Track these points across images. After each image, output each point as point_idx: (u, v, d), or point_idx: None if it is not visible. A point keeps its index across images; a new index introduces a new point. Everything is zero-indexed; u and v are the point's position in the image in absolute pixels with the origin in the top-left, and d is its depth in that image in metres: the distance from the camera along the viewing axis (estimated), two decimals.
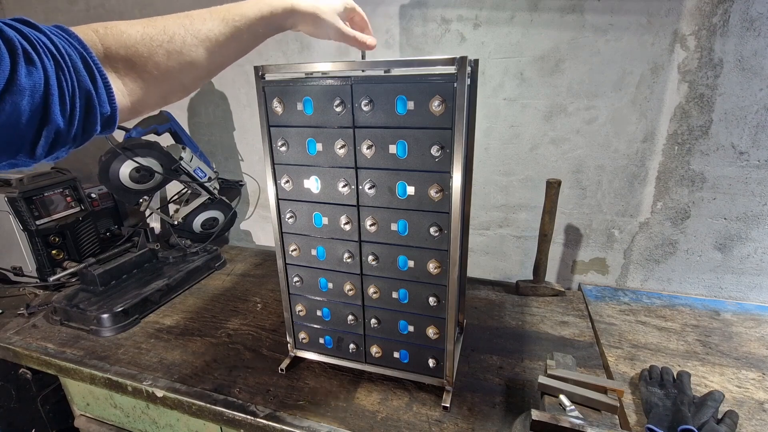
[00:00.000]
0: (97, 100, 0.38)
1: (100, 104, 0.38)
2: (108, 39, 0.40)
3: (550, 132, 1.10)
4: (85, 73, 0.37)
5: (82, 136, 0.39)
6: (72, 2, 1.46)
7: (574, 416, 0.65)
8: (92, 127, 0.39)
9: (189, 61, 0.47)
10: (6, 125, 0.32)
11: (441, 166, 0.65)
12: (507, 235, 1.25)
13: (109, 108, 0.39)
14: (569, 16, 1.00)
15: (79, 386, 1.03)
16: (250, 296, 1.19)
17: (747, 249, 1.06)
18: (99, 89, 0.38)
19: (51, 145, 0.36)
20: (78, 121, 0.37)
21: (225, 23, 0.50)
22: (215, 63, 0.51)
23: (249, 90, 1.37)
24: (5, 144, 0.34)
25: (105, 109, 0.39)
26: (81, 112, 0.37)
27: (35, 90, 0.33)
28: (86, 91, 0.37)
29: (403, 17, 1.12)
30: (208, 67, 0.50)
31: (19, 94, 0.32)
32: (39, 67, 0.33)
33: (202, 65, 0.49)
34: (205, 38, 0.48)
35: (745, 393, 0.79)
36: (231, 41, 0.51)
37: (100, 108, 0.38)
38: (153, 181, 1.20)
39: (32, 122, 0.34)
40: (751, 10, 0.89)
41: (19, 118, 0.32)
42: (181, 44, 0.45)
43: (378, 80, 0.65)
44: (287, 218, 0.78)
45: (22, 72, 0.32)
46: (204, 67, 0.49)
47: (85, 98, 0.37)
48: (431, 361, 0.78)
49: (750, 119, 0.96)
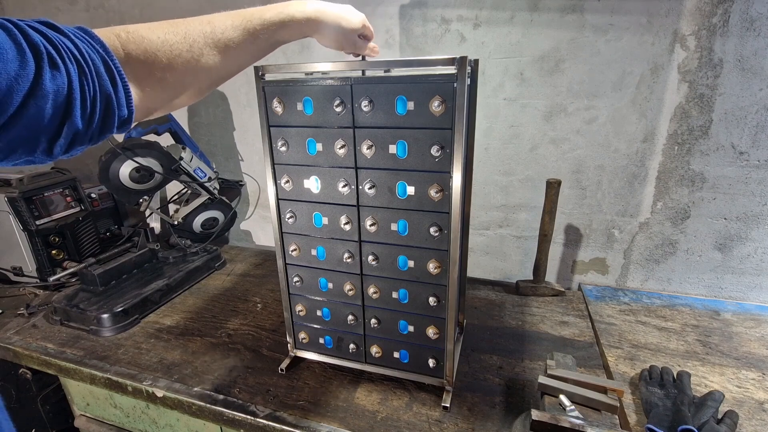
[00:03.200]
0: (116, 104, 0.39)
1: (118, 107, 0.39)
2: (129, 45, 0.40)
3: (550, 132, 1.10)
4: (106, 78, 0.37)
5: (98, 136, 0.40)
6: (72, 2, 1.46)
7: (574, 416, 0.65)
8: (109, 128, 0.40)
9: (206, 68, 0.47)
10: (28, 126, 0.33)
11: (441, 166, 0.65)
12: (507, 235, 1.25)
13: (126, 111, 0.40)
14: (569, 16, 1.00)
15: (79, 386, 1.03)
16: (250, 296, 1.19)
17: (747, 249, 1.06)
18: (119, 93, 0.39)
19: (69, 144, 0.37)
20: (96, 124, 0.38)
21: (245, 31, 0.50)
22: (232, 68, 0.51)
23: (249, 90, 1.37)
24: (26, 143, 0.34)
25: (123, 112, 0.40)
26: (100, 115, 0.38)
27: (59, 94, 0.34)
28: (107, 95, 0.38)
29: (403, 17, 1.12)
30: (224, 73, 0.51)
31: (42, 98, 0.33)
32: (63, 71, 0.33)
33: (218, 72, 0.49)
34: (225, 47, 0.48)
35: (745, 393, 0.79)
36: (250, 47, 0.51)
37: (119, 111, 0.39)
38: (153, 181, 1.20)
39: (53, 124, 0.35)
40: (751, 10, 0.89)
41: (41, 120, 0.33)
42: (200, 53, 0.46)
43: (378, 80, 0.65)
44: (287, 218, 0.78)
45: (46, 76, 0.32)
46: (220, 73, 0.50)
47: (105, 102, 0.38)
48: (431, 361, 0.78)
49: (750, 119, 0.96)
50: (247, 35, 0.50)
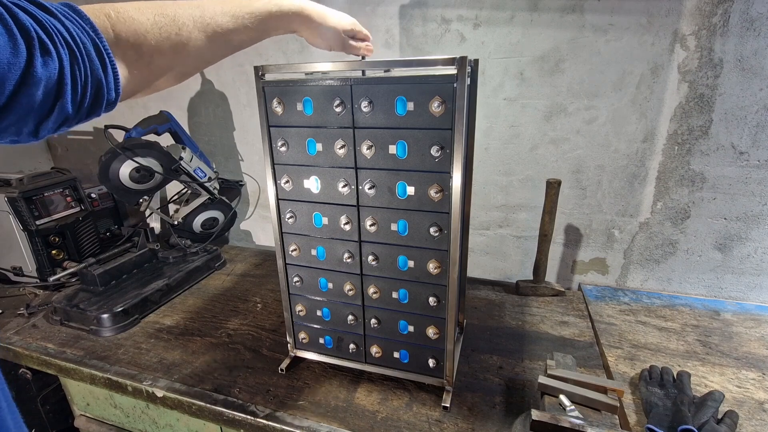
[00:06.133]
0: (105, 87, 0.38)
1: (107, 91, 0.39)
2: (118, 25, 0.39)
3: (550, 132, 1.10)
4: (97, 62, 0.37)
5: (86, 118, 0.39)
6: None
7: (574, 416, 0.65)
8: (96, 111, 0.39)
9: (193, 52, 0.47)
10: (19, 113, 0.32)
11: (441, 167, 0.65)
12: (507, 235, 1.25)
13: (114, 94, 0.40)
14: (569, 16, 1.00)
15: (79, 386, 1.03)
16: (250, 296, 1.19)
17: (747, 249, 1.06)
18: (108, 77, 0.38)
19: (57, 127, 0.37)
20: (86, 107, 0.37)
21: (234, 18, 0.50)
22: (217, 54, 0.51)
23: (249, 90, 1.37)
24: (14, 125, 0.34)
25: (111, 95, 0.39)
26: (90, 99, 0.37)
27: (50, 80, 0.33)
28: (98, 79, 0.37)
29: (403, 17, 1.12)
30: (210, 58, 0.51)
31: (34, 86, 0.32)
32: (55, 57, 0.33)
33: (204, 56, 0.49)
34: (213, 32, 0.48)
35: (745, 393, 0.79)
36: (237, 34, 0.51)
37: (107, 95, 0.39)
38: (153, 181, 1.20)
39: (44, 109, 0.34)
40: (751, 10, 0.89)
41: (32, 106, 0.33)
42: (188, 36, 0.45)
43: (378, 81, 0.65)
44: (287, 218, 0.78)
45: (38, 63, 0.31)
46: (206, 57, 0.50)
47: (96, 86, 0.37)
48: (431, 361, 0.78)
49: (750, 119, 0.96)
50: (236, 22, 0.50)
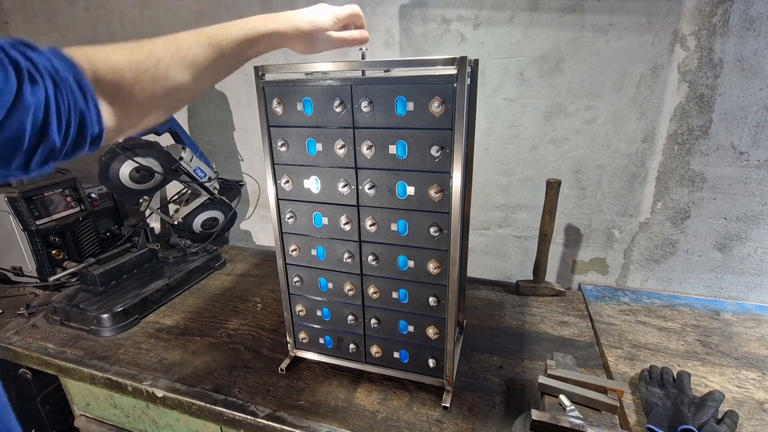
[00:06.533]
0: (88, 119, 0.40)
1: (90, 123, 0.40)
2: (96, 63, 0.41)
3: (550, 132, 1.10)
4: (78, 92, 0.39)
5: (71, 153, 0.41)
6: (72, 2, 1.46)
7: (574, 416, 0.65)
8: (81, 145, 0.41)
9: (174, 85, 0.48)
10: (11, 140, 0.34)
11: (441, 167, 0.65)
12: (507, 235, 1.25)
13: (97, 128, 0.41)
14: (569, 16, 1.00)
15: (79, 386, 1.03)
16: (250, 296, 1.19)
17: (747, 249, 1.06)
18: (90, 108, 0.40)
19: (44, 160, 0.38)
20: (71, 140, 0.39)
21: (211, 47, 0.50)
22: (200, 85, 0.52)
23: (249, 90, 1.37)
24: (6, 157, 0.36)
25: (94, 129, 0.41)
26: (75, 131, 0.39)
27: (38, 107, 0.35)
28: (80, 111, 0.39)
29: (403, 17, 1.12)
30: (193, 89, 0.51)
31: (24, 112, 0.34)
32: (41, 86, 0.35)
33: (187, 89, 0.50)
34: (191, 63, 0.49)
35: (745, 393, 0.79)
36: (216, 64, 0.52)
37: (91, 128, 0.40)
38: (153, 181, 1.20)
39: (32, 138, 0.36)
40: (751, 10, 0.89)
41: (23, 134, 0.35)
42: (167, 70, 0.46)
43: (378, 81, 0.65)
44: (287, 218, 0.78)
45: (27, 90, 0.34)
46: (189, 90, 0.50)
47: (79, 117, 0.39)
48: (431, 361, 0.78)
49: (750, 119, 0.96)
50: (214, 51, 0.51)
